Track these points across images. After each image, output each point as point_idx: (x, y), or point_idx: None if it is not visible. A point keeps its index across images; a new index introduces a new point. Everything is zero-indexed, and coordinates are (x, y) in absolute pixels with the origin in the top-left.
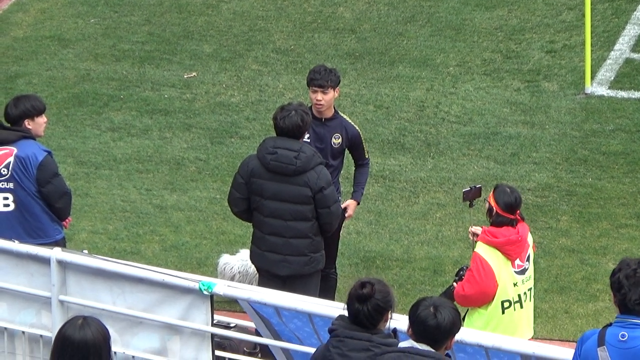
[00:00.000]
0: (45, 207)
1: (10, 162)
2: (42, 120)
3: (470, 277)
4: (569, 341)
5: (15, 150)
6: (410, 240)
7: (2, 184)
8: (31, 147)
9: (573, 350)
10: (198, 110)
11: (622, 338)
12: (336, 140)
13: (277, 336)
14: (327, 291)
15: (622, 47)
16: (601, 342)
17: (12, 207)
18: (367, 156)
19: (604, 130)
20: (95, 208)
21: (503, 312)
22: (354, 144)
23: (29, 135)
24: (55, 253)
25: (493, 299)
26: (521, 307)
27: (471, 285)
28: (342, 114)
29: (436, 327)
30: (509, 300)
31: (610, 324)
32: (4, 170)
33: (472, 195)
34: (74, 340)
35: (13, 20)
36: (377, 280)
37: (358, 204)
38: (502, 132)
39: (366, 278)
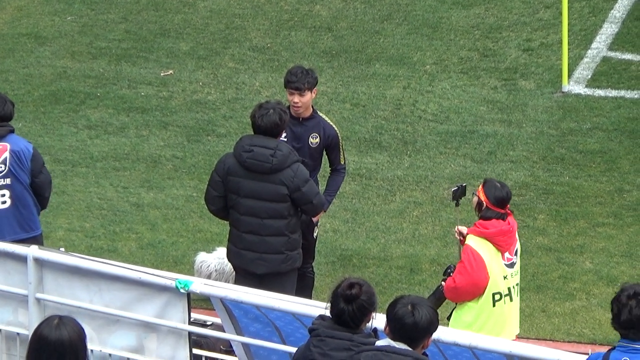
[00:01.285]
0: (34, 199)
1: (6, 158)
2: None
3: (461, 268)
4: (546, 340)
5: (8, 145)
6: (387, 238)
7: (0, 181)
8: (20, 140)
9: (551, 350)
10: (175, 108)
11: None
12: (313, 140)
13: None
14: (304, 289)
15: (599, 46)
16: None
17: (8, 203)
18: (342, 162)
19: (581, 128)
20: (72, 206)
21: (494, 305)
22: (331, 145)
23: (13, 129)
24: (32, 251)
25: (484, 291)
26: (511, 300)
27: (463, 277)
28: (320, 114)
29: (413, 325)
30: (499, 293)
31: (614, 348)
32: (0, 167)
33: (459, 194)
34: (50, 341)
35: None
36: (364, 281)
37: (324, 211)
38: (479, 131)
39: (354, 278)
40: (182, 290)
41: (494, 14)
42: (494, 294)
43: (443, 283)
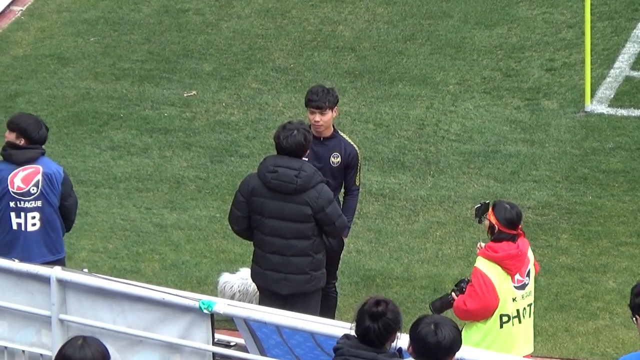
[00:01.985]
0: (62, 222)
1: (39, 180)
2: None
3: (472, 292)
4: (569, 359)
5: (41, 168)
6: (411, 258)
7: (31, 204)
8: (52, 163)
9: None
10: (198, 128)
11: None
12: (335, 159)
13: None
14: (327, 310)
15: (621, 65)
16: None
17: (38, 225)
18: (357, 184)
19: (603, 148)
20: (95, 227)
21: (501, 327)
22: (350, 164)
23: (44, 152)
24: (55, 272)
25: (494, 313)
26: (519, 322)
27: (474, 301)
28: (341, 134)
29: (436, 344)
30: (507, 315)
31: None
32: (33, 189)
33: (482, 211)
34: None
35: (13, 39)
36: (389, 299)
37: (345, 237)
38: (502, 151)
39: (380, 296)
40: (205, 311)
41: (517, 34)
42: (501, 316)
43: (452, 294)
